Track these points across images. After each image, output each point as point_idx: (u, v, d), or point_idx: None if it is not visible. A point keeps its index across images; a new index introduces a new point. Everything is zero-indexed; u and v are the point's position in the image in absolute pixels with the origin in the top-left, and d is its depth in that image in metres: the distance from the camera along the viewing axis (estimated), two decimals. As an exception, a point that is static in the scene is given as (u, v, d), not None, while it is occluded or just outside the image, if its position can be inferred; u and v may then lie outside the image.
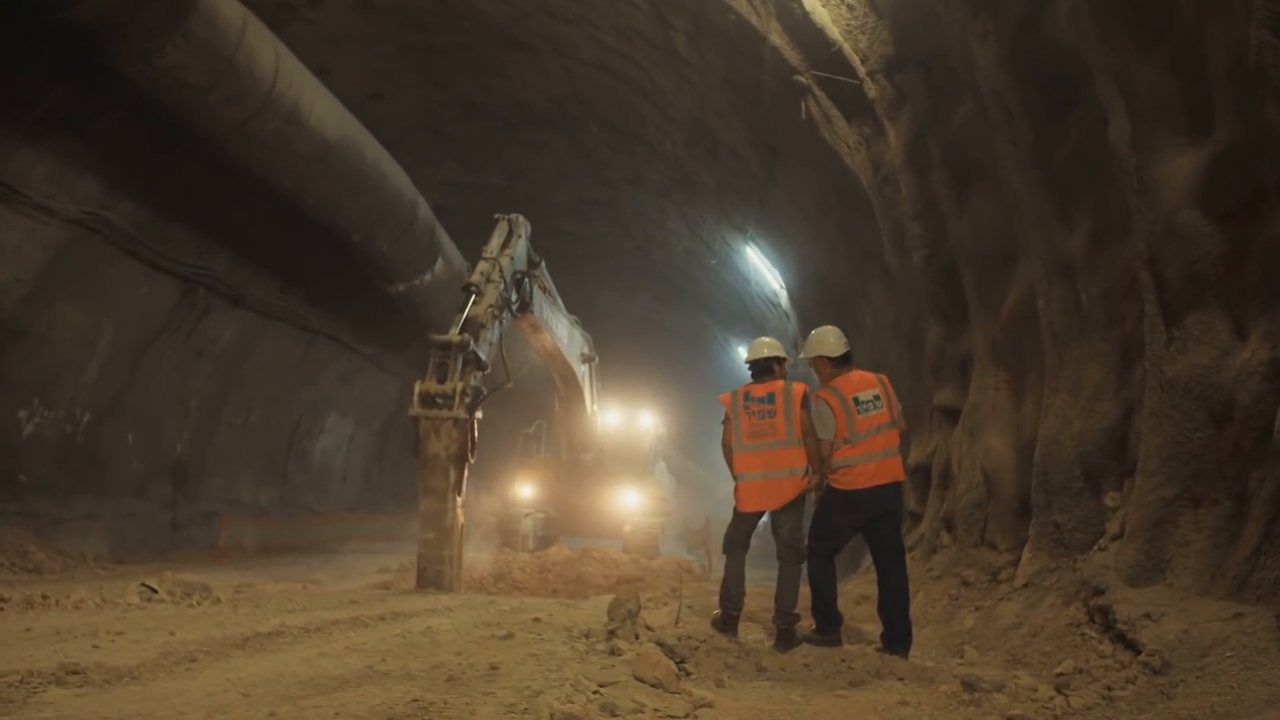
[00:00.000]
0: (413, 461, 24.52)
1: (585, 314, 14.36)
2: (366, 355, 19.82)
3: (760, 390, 5.42)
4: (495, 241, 9.70)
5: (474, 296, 8.57)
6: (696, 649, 4.20)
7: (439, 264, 16.10)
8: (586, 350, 13.78)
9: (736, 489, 5.34)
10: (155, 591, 6.47)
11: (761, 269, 15.09)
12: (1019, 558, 5.81)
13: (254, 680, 3.30)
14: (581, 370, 13.46)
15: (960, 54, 6.30)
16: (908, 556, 7.10)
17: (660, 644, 3.93)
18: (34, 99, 10.76)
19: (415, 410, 7.52)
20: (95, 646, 3.99)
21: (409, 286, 16.02)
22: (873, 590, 7.09)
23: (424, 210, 14.84)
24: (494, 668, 3.55)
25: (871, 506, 5.19)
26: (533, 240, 20.89)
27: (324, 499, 19.75)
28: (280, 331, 17.10)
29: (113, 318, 13.39)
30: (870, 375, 5.42)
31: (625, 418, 15.70)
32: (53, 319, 12.43)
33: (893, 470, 5.23)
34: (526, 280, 10.17)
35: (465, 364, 7.76)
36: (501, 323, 9.04)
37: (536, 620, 5.39)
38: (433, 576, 7.91)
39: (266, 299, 16.11)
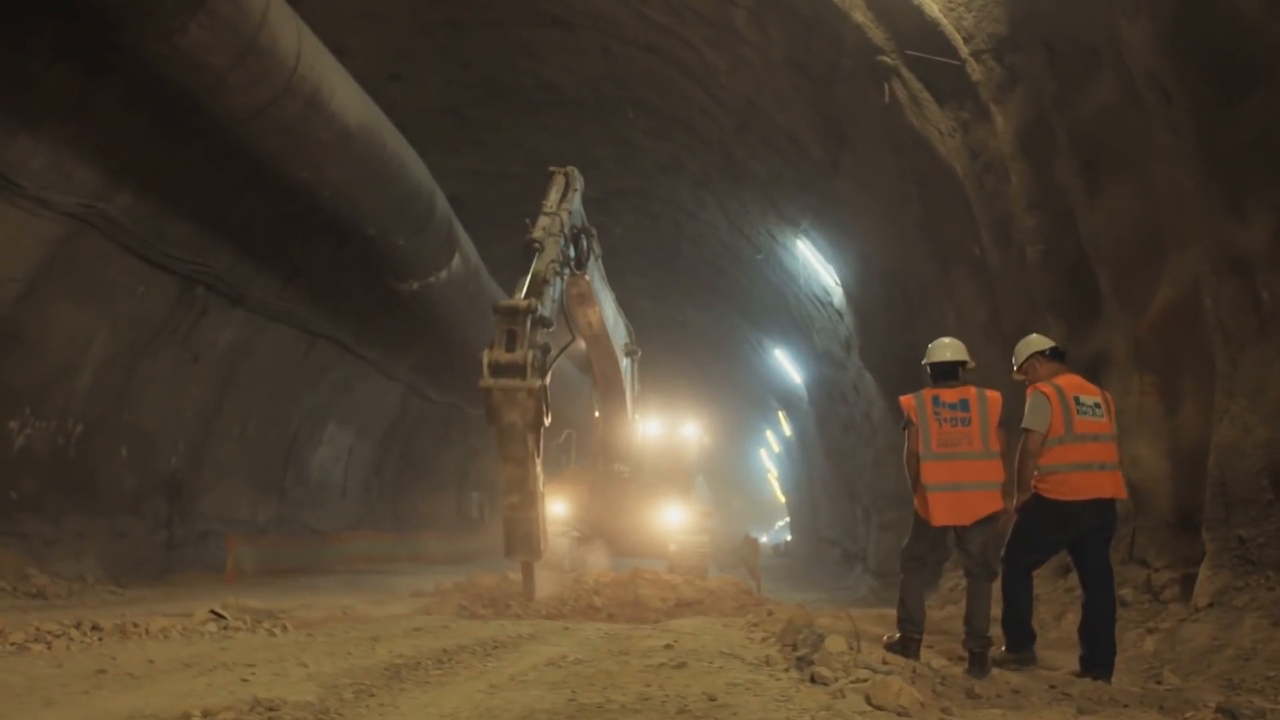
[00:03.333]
0: (414, 477, 24.44)
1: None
2: (369, 360, 19.74)
3: (952, 395, 5.39)
4: (554, 195, 9.77)
5: (537, 252, 8.61)
6: (901, 675, 4.21)
7: (455, 260, 16.06)
8: (630, 342, 13.73)
9: (925, 500, 5.33)
10: (226, 619, 6.45)
11: (814, 264, 15.14)
12: (1182, 575, 5.85)
13: (466, 716, 3.29)
14: (624, 363, 13.39)
15: (1104, 32, 6.34)
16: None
17: (872, 670, 3.94)
18: (33, 81, 10.68)
19: (486, 381, 7.57)
20: (244, 680, 3.96)
21: (423, 284, 15.94)
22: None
23: (442, 202, 14.80)
24: (712, 699, 3.55)
25: (1086, 521, 5.19)
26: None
27: (322, 516, 19.64)
28: (279, 333, 17.02)
29: (108, 319, 13.30)
30: (1092, 385, 5.43)
31: (667, 426, 15.65)
32: (47, 321, 12.33)
33: (1114, 485, 5.23)
34: (583, 237, 10.25)
35: (533, 326, 7.81)
36: (562, 279, 9.10)
37: (669, 647, 5.40)
38: (522, 539, 8.45)
39: (266, 298, 16.03)
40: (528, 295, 7.99)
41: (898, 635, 5.39)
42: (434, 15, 13.49)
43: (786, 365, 22.54)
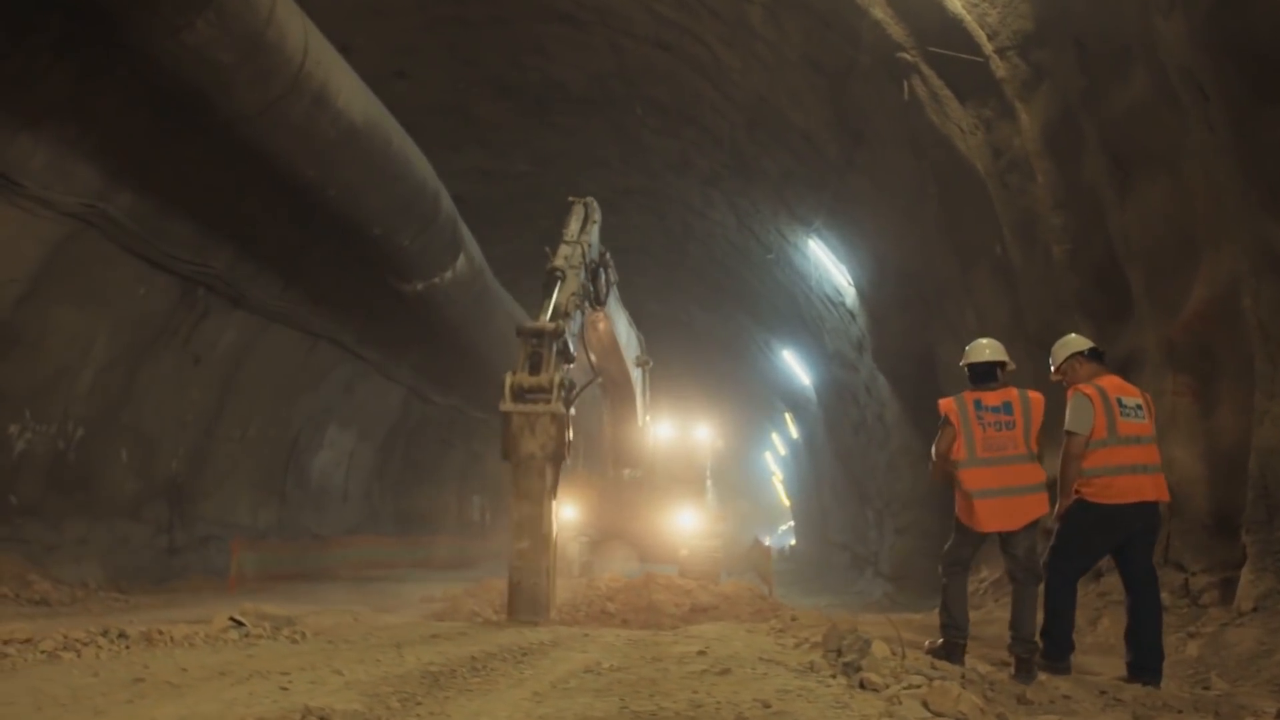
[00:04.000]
0: (415, 481, 24.32)
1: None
2: (370, 361, 19.74)
3: (994, 399, 5.38)
4: (574, 225, 9.75)
5: (560, 281, 8.52)
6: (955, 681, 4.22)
7: (460, 260, 16.07)
8: (641, 353, 13.74)
9: (971, 506, 5.32)
10: (246, 626, 6.45)
11: (826, 264, 15.16)
12: (1221, 579, 5.87)
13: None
14: (636, 374, 13.41)
15: (1137, 29, 6.37)
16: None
17: (925, 676, 3.95)
18: (34, 80, 10.69)
19: (508, 406, 7.33)
20: (284, 689, 3.96)
21: (428, 285, 15.96)
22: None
23: (447, 202, 14.82)
24: (766, 705, 3.55)
25: (1132, 524, 5.22)
26: (554, 237, 20.81)
27: (323, 521, 19.64)
28: (280, 335, 17.04)
29: (108, 321, 13.31)
30: (1132, 386, 5.46)
31: (678, 429, 15.69)
32: (47, 323, 12.34)
33: (1157, 487, 5.27)
34: (602, 270, 10.20)
35: (559, 351, 7.69)
36: (582, 312, 9.04)
37: (702, 653, 5.39)
38: (529, 590, 7.62)
39: (267, 299, 16.04)
40: (553, 319, 7.86)
41: (940, 640, 5.41)
42: (441, 11, 13.49)
43: (795, 366, 22.55)
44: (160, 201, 12.85)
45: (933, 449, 5.54)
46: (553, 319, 7.92)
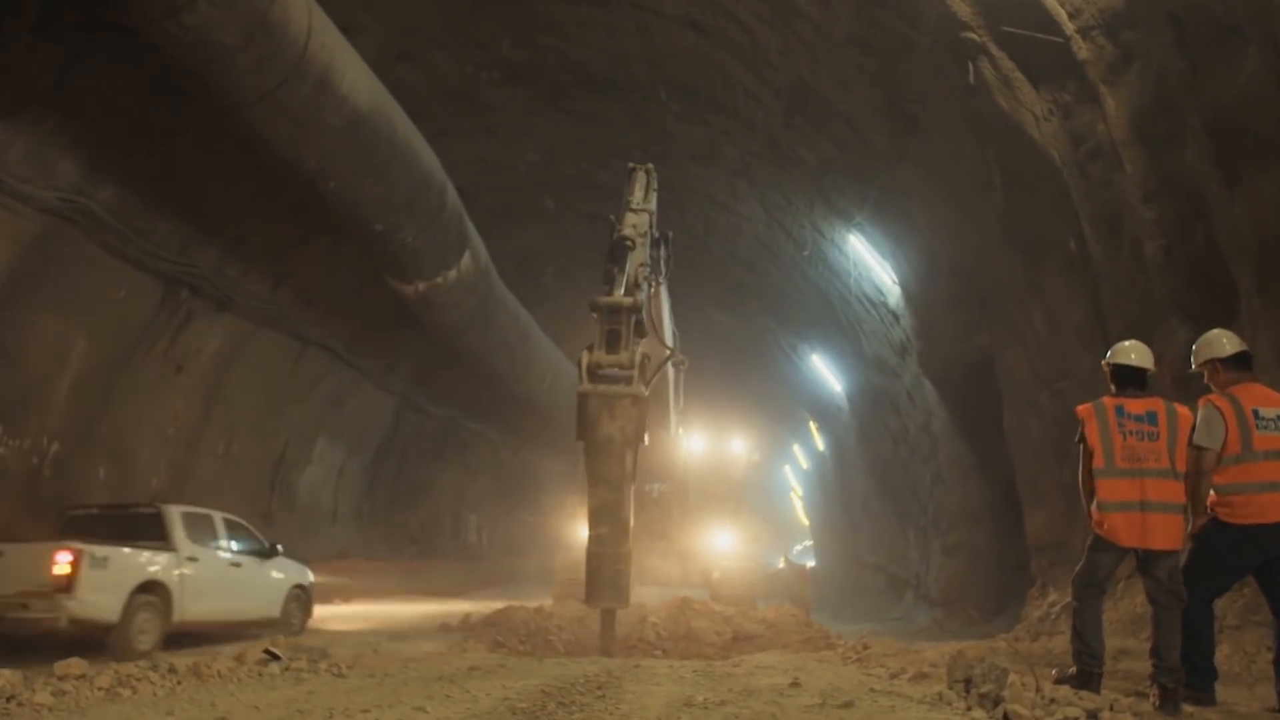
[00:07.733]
0: (408, 499, 24.15)
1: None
2: (362, 369, 19.71)
3: (1138, 406, 5.40)
4: (639, 191, 9.68)
5: (629, 251, 8.38)
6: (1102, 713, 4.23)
7: (465, 258, 16.06)
8: (674, 350, 13.63)
9: (1103, 520, 5.35)
10: (282, 658, 6.46)
11: (868, 261, 15.16)
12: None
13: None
14: (669, 373, 13.29)
15: (1249, 7, 6.40)
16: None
17: (1084, 708, 3.95)
18: (13, 66, 10.67)
19: (585, 386, 7.32)
20: (376, 728, 3.96)
21: (430, 285, 15.93)
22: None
23: (452, 195, 14.82)
24: (923, 743, 3.57)
25: (1273, 545, 5.23)
26: (563, 234, 20.65)
27: (312, 543, 19.50)
28: (267, 341, 17.00)
29: (87, 327, 13.28)
30: (1275, 394, 5.47)
31: (712, 441, 15.67)
32: (23, 330, 12.31)
33: None
34: (662, 243, 10.11)
35: (635, 327, 7.63)
36: (650, 285, 8.92)
37: (795, 685, 5.41)
38: (610, 577, 7.80)
39: (255, 302, 16.02)
40: (627, 293, 7.78)
41: (1074, 670, 5.41)
42: (454, -13, 13.48)
43: (824, 372, 22.50)
44: (143, 196, 12.84)
45: (1078, 474, 5.53)
46: (627, 292, 7.80)
